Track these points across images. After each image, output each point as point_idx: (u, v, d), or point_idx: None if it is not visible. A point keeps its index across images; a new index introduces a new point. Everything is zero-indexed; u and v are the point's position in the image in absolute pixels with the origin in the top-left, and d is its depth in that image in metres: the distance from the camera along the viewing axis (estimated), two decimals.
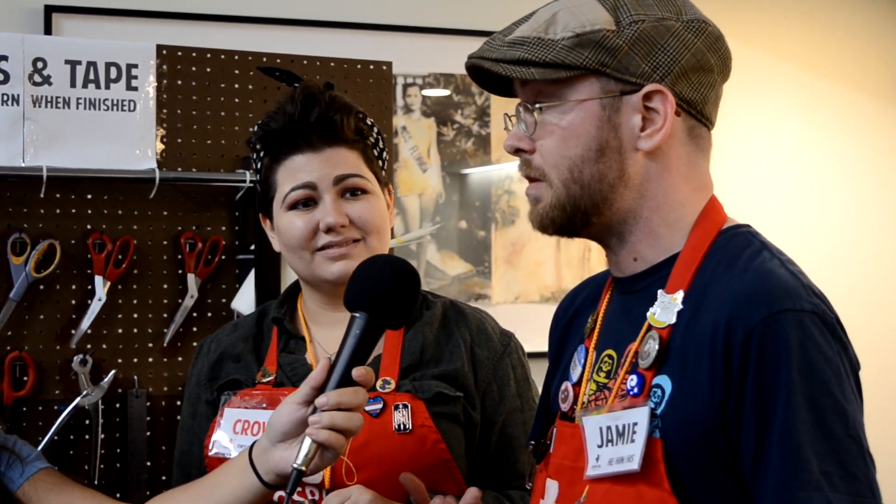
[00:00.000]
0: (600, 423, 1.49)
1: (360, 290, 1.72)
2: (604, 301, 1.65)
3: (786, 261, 1.49)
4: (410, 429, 1.95)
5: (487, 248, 3.82)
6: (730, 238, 1.53)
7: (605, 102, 1.52)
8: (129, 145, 2.68)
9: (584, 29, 1.50)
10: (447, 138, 3.77)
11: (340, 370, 1.68)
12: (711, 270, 1.50)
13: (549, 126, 1.53)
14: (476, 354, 2.07)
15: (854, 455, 1.38)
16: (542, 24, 1.52)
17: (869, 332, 4.38)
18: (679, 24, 1.53)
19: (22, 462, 2.00)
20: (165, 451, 2.67)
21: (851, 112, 4.49)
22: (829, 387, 1.39)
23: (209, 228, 2.77)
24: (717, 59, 1.56)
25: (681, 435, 1.43)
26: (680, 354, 1.46)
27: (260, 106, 2.81)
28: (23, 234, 2.61)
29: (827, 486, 1.34)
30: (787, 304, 1.41)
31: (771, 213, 4.28)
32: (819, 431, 1.37)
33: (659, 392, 1.46)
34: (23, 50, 2.61)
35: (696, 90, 1.54)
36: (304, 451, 1.66)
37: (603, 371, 1.57)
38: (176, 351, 2.74)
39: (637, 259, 1.57)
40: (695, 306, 1.47)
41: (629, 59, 1.50)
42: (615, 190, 1.53)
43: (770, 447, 1.37)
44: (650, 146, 1.52)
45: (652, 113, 1.52)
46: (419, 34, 3.72)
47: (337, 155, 2.06)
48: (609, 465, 1.46)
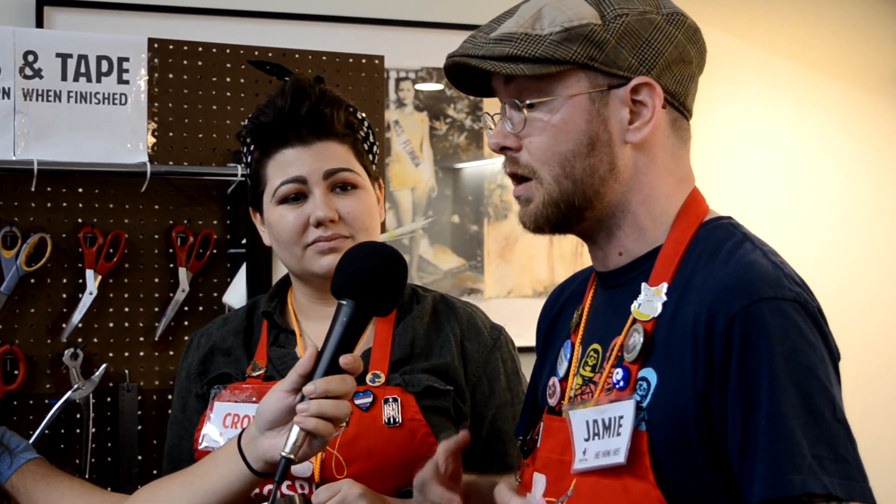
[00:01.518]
0: (587, 416, 1.49)
1: (346, 277, 1.73)
2: (588, 296, 1.66)
3: (768, 251, 1.50)
4: (400, 422, 1.95)
5: (480, 242, 3.82)
6: (711, 230, 1.54)
7: (594, 96, 1.52)
8: (121, 139, 2.68)
9: (572, 23, 1.51)
10: (440, 132, 3.76)
11: (328, 358, 1.68)
12: (694, 262, 1.50)
13: (539, 122, 1.53)
14: (466, 348, 2.07)
15: (843, 438, 1.38)
16: (527, 19, 1.52)
17: (865, 327, 4.38)
18: (660, 18, 1.55)
19: (10, 453, 2.00)
20: (156, 444, 2.68)
21: (847, 107, 4.48)
22: (815, 371, 1.40)
23: (201, 222, 2.77)
24: (696, 51, 1.58)
25: (667, 427, 1.43)
26: (664, 347, 1.47)
27: (251, 100, 2.81)
28: (14, 228, 2.61)
29: (819, 469, 1.35)
30: (768, 293, 1.42)
31: (766, 209, 4.27)
32: (808, 415, 1.37)
33: (645, 385, 1.47)
34: (14, 43, 2.61)
35: (679, 82, 1.56)
36: (293, 439, 1.66)
37: (588, 365, 1.58)
38: (167, 345, 2.74)
39: (622, 253, 1.58)
40: (678, 298, 1.48)
41: (616, 53, 1.51)
42: (606, 183, 1.54)
43: (758, 433, 1.38)
44: (639, 138, 1.53)
45: (639, 106, 1.53)
46: (412, 28, 3.71)
47: (327, 149, 2.06)
48: (596, 458, 1.46)
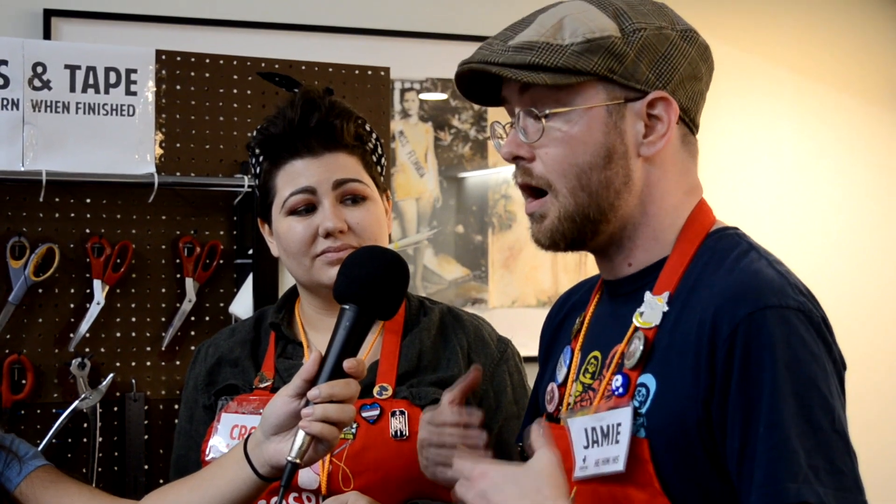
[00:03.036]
0: (585, 424, 1.50)
1: (347, 282, 1.74)
2: (592, 303, 1.67)
3: (773, 261, 1.51)
4: (407, 435, 1.96)
5: (484, 252, 3.83)
6: (718, 240, 1.55)
7: (612, 109, 1.53)
8: (128, 150, 2.69)
9: (594, 35, 1.51)
10: (444, 143, 3.78)
11: (331, 362, 1.70)
12: (699, 272, 1.51)
13: (556, 133, 1.53)
14: (473, 361, 2.07)
15: (840, 450, 1.39)
16: (549, 28, 1.52)
17: (866, 336, 4.39)
18: (675, 34, 1.56)
19: (20, 460, 2.01)
20: (163, 454, 2.68)
21: (850, 118, 4.50)
22: (816, 381, 1.40)
23: (207, 233, 2.78)
24: (706, 68, 1.60)
25: (667, 433, 1.44)
26: (664, 354, 1.48)
27: (258, 111, 2.82)
28: (22, 238, 2.62)
29: (814, 479, 1.36)
30: (772, 301, 1.42)
31: (769, 219, 4.28)
32: (806, 425, 1.38)
33: (644, 391, 1.48)
34: (23, 54, 2.62)
35: (690, 98, 1.57)
36: (298, 443, 1.67)
37: (588, 372, 1.59)
38: (174, 355, 2.75)
39: (631, 264, 1.59)
40: (681, 307, 1.49)
41: (635, 67, 1.52)
42: (620, 196, 1.55)
43: (757, 440, 1.39)
44: (653, 152, 1.54)
45: (654, 120, 1.54)
46: (417, 39, 3.73)
47: (336, 160, 2.07)
48: (595, 466, 1.47)
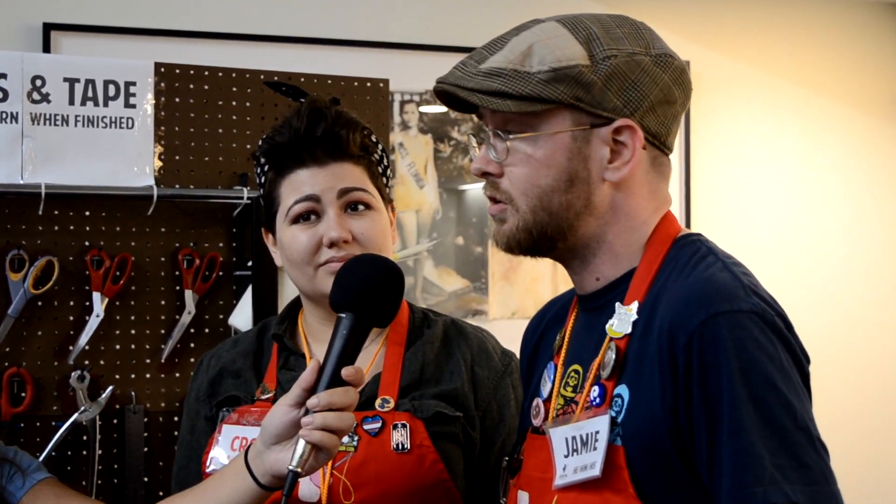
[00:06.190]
0: (566, 433, 1.53)
1: (343, 290, 1.75)
2: (570, 318, 1.69)
3: (730, 263, 1.53)
4: (409, 448, 1.95)
5: (484, 263, 3.83)
6: (681, 247, 1.58)
7: (577, 134, 1.55)
8: (128, 162, 2.69)
9: (561, 64, 1.53)
10: (444, 155, 3.78)
11: (330, 371, 1.70)
12: (664, 280, 1.54)
13: (520, 154, 1.57)
14: (476, 374, 2.07)
15: (804, 445, 1.41)
16: (518, 55, 1.55)
17: (868, 342, 4.40)
18: (648, 59, 1.57)
19: (23, 473, 2.00)
20: (163, 466, 2.68)
21: (850, 129, 4.51)
22: (774, 381, 1.42)
23: (207, 245, 2.78)
24: (681, 91, 1.61)
25: (641, 441, 1.47)
26: (636, 363, 1.51)
27: (258, 123, 2.82)
28: (21, 251, 2.62)
29: (781, 479, 1.38)
30: (723, 307, 1.45)
31: (770, 229, 4.29)
32: (767, 427, 1.40)
33: (619, 401, 1.51)
34: (21, 68, 2.62)
35: (662, 123, 1.59)
36: (299, 452, 1.68)
37: (570, 385, 1.62)
38: (173, 367, 2.74)
39: (599, 279, 1.62)
40: (648, 315, 1.52)
41: (602, 95, 1.54)
42: (580, 218, 1.58)
43: (721, 448, 1.41)
44: (617, 178, 1.57)
45: (619, 146, 1.56)
46: (416, 51, 3.73)
47: (342, 169, 2.06)
48: (574, 473, 1.50)
